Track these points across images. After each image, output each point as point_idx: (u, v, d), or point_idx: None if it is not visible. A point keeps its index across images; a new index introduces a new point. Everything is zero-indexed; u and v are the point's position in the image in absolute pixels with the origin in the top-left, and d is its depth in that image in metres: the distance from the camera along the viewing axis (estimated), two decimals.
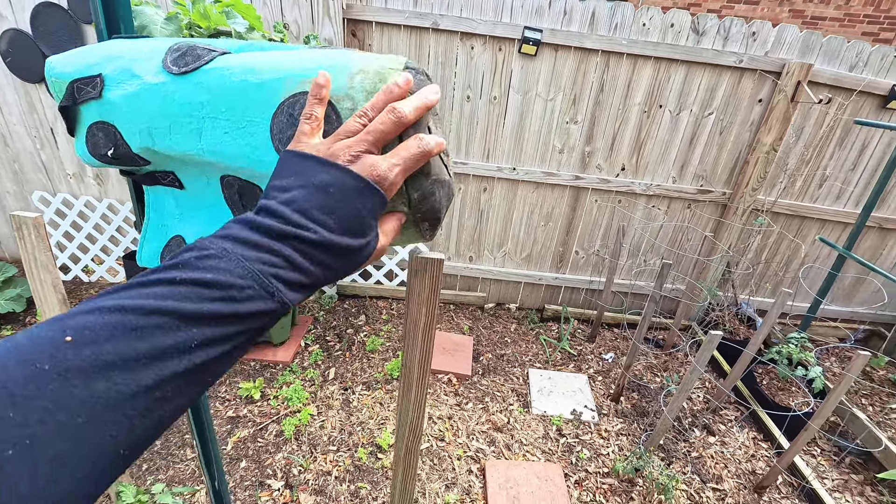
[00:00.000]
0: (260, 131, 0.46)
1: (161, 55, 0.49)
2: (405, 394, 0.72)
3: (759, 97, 2.65)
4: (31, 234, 0.77)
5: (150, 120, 0.49)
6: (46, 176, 3.00)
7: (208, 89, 0.47)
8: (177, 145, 0.49)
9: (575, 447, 2.21)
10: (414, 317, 0.64)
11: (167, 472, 1.91)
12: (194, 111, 0.47)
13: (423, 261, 0.61)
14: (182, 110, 0.48)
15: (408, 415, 0.74)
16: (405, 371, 0.70)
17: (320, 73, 0.42)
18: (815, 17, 5.84)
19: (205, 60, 0.48)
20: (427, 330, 0.65)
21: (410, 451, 0.79)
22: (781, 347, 2.47)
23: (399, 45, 2.57)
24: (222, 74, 0.46)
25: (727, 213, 2.92)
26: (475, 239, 3.13)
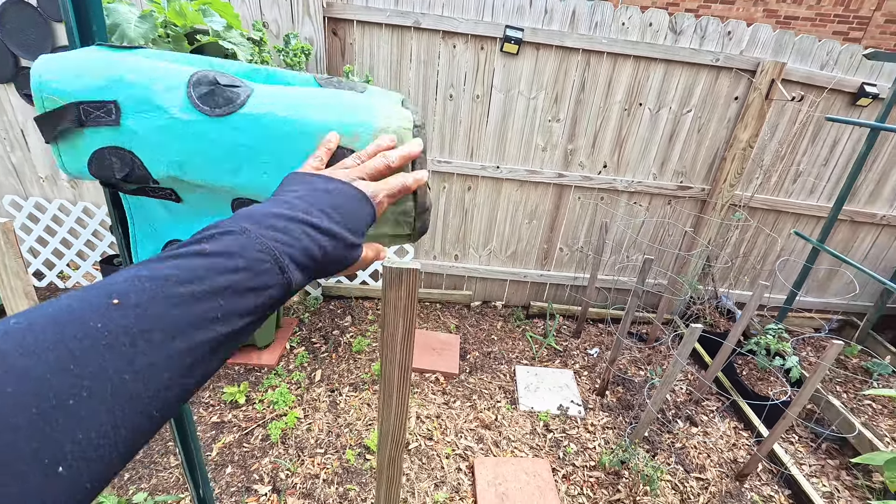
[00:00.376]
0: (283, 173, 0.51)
1: (181, 86, 0.50)
2: (385, 404, 0.72)
3: (736, 95, 2.72)
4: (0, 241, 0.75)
5: (182, 154, 0.50)
6: (17, 179, 2.91)
7: (249, 135, 0.50)
8: (210, 179, 0.52)
9: (562, 442, 2.24)
10: (391, 328, 0.63)
11: (150, 481, 1.87)
12: (233, 153, 0.50)
13: (397, 271, 0.60)
14: (220, 151, 0.50)
15: (389, 424, 0.74)
16: (384, 382, 0.69)
17: (332, 134, 0.51)
18: (788, 16, 6.00)
19: (238, 104, 0.50)
20: (405, 340, 0.64)
21: (393, 460, 0.79)
22: (760, 338, 2.54)
23: (381, 44, 2.55)
24: (263, 123, 0.50)
25: (706, 209, 2.98)
26: (460, 238, 3.13)
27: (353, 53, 2.58)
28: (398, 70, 2.62)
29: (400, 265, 0.59)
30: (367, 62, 2.60)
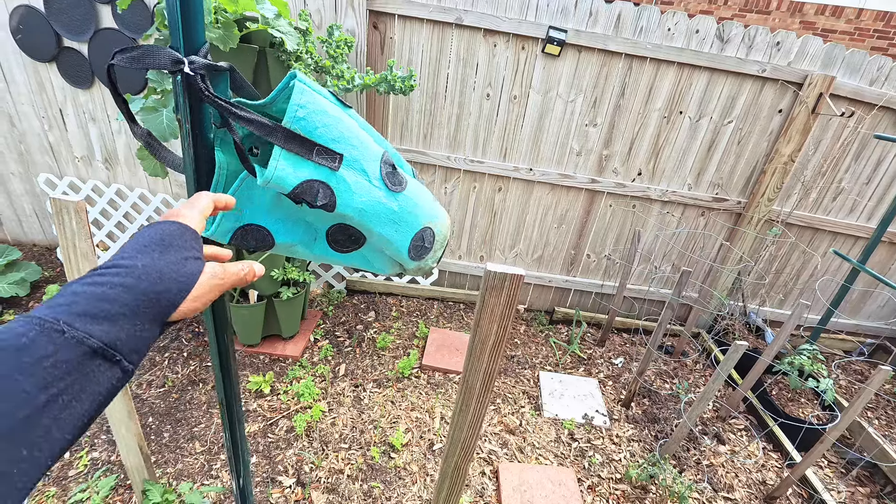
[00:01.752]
0: (406, 236, 0.77)
1: (377, 162, 0.71)
2: (461, 412, 0.69)
3: (780, 108, 2.65)
4: (71, 221, 0.73)
5: (365, 205, 0.69)
6: (53, 158, 2.94)
7: (400, 206, 0.74)
8: (367, 223, 0.71)
9: (587, 452, 2.20)
10: (483, 334, 0.61)
11: (175, 466, 1.87)
12: (390, 214, 0.73)
13: (500, 276, 0.58)
14: (385, 211, 0.72)
15: (462, 433, 0.71)
16: (465, 388, 0.67)
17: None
18: (826, 29, 5.86)
19: (403, 186, 0.75)
20: (496, 348, 0.62)
21: (459, 468, 0.76)
22: (794, 358, 2.48)
23: (421, 40, 2.53)
24: (408, 202, 0.76)
25: (741, 222, 2.92)
26: (487, 239, 3.10)
27: (393, 48, 2.56)
28: (437, 67, 2.60)
29: (504, 270, 0.56)
30: (406, 57, 2.58)
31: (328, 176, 0.64)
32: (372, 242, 0.78)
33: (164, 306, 0.40)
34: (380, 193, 0.71)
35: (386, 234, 0.74)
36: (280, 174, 0.59)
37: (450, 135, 2.77)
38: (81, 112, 2.80)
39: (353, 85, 2.09)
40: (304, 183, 0.61)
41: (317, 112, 0.62)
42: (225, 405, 0.91)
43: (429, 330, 2.87)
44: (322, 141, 0.62)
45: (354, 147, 0.67)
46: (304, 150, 0.61)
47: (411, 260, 0.81)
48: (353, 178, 0.67)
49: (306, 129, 0.61)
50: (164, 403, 2.15)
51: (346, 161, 0.66)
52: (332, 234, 0.76)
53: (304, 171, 0.61)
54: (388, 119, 2.73)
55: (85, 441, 1.93)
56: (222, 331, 0.82)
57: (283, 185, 0.60)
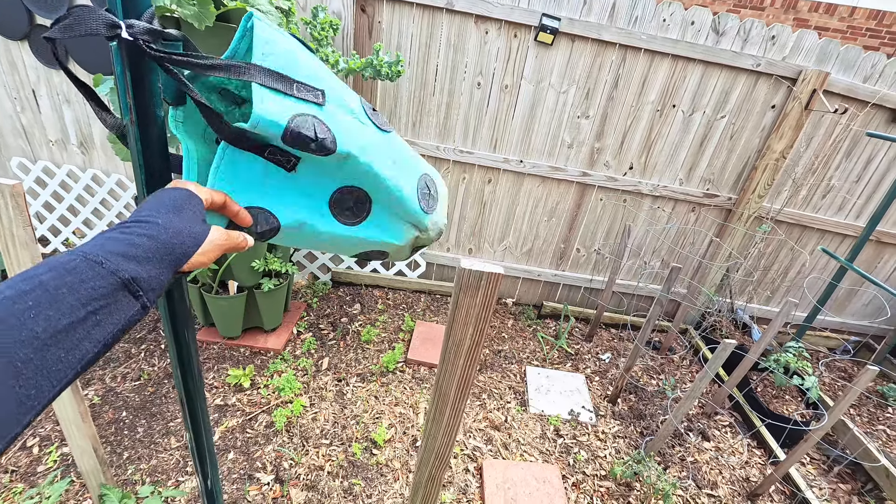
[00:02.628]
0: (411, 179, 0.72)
1: (358, 102, 0.67)
2: (435, 419, 0.64)
3: (773, 103, 2.62)
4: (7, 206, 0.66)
5: (365, 143, 0.63)
6: (26, 141, 2.82)
7: (394, 147, 0.70)
8: (375, 163, 0.64)
9: (572, 448, 2.18)
10: (458, 337, 0.56)
11: (150, 462, 1.81)
12: (389, 152, 0.68)
13: (476, 275, 0.52)
14: (384, 147, 0.67)
15: (436, 440, 0.66)
16: (438, 394, 0.62)
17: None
18: (819, 26, 5.85)
19: (388, 129, 0.71)
20: (472, 353, 0.56)
21: (433, 478, 0.71)
22: (780, 356, 2.47)
23: (410, 25, 2.45)
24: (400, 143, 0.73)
25: (731, 219, 2.90)
26: (476, 231, 3.05)
27: (381, 32, 2.48)
28: (426, 53, 2.52)
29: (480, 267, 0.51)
30: (394, 42, 2.50)
31: (316, 110, 0.58)
32: (380, 202, 0.70)
33: (179, 256, 0.47)
34: (372, 131, 0.66)
35: (392, 178, 0.67)
36: (268, 109, 0.53)
37: (439, 124, 2.70)
38: (55, 94, 2.68)
39: (338, 69, 2.01)
40: (296, 116, 0.55)
41: (286, 49, 0.57)
42: (186, 404, 0.85)
43: (415, 323, 2.82)
44: (298, 77, 0.57)
45: (332, 86, 0.62)
46: (284, 84, 0.55)
47: (424, 212, 0.73)
48: (341, 115, 0.61)
49: (277, 65, 0.55)
50: (138, 397, 2.08)
51: (329, 96, 0.60)
52: (336, 202, 0.68)
53: (289, 107, 0.55)
54: (375, 105, 2.65)
55: (55, 436, 1.86)
56: (182, 325, 0.76)
57: (274, 125, 0.53)
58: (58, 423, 1.91)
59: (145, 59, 0.52)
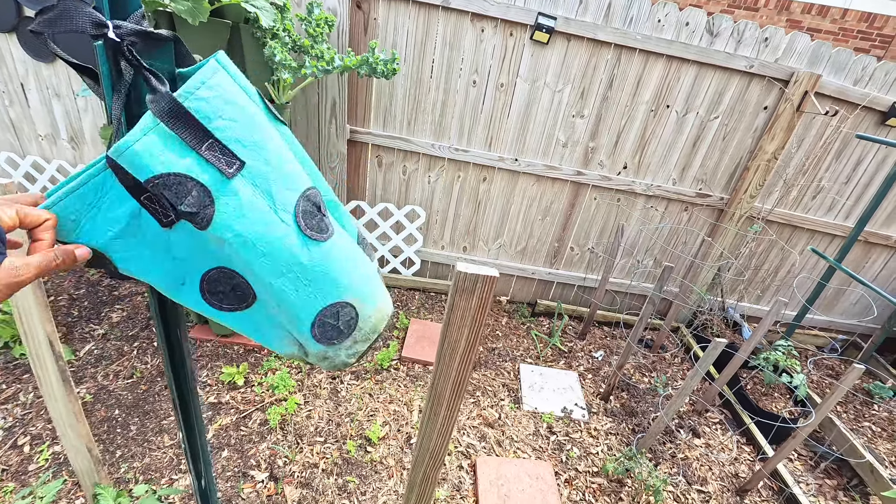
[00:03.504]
0: (312, 303, 0.59)
1: (297, 193, 0.56)
2: (430, 419, 0.65)
3: (765, 104, 2.64)
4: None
5: (251, 234, 0.53)
6: (15, 136, 2.77)
7: (312, 260, 0.57)
8: (253, 262, 0.55)
9: (565, 445, 2.20)
10: (453, 339, 0.56)
11: (143, 460, 1.80)
12: (294, 265, 0.57)
13: (472, 278, 0.53)
14: (286, 257, 0.56)
15: (430, 441, 0.67)
16: (433, 395, 0.62)
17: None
18: (812, 28, 5.91)
19: (326, 236, 0.59)
20: (467, 354, 0.57)
21: (428, 478, 0.72)
22: (769, 354, 2.51)
23: (406, 22, 2.44)
24: (327, 259, 0.59)
25: (723, 218, 2.93)
26: (471, 229, 3.06)
27: (377, 29, 2.47)
28: (422, 51, 2.51)
29: (475, 271, 0.51)
30: (390, 39, 2.49)
31: (215, 181, 0.50)
32: (264, 303, 0.60)
33: None
34: (284, 231, 0.55)
35: (281, 289, 0.57)
36: (143, 149, 0.45)
37: (434, 122, 2.70)
38: (44, 87, 2.64)
39: (333, 66, 2.00)
40: (171, 175, 0.47)
41: (226, 102, 0.50)
42: (178, 403, 0.85)
43: (409, 321, 2.82)
44: (221, 136, 0.50)
45: (267, 163, 0.53)
46: (192, 135, 0.48)
47: (315, 341, 0.62)
48: (250, 196, 0.52)
49: (202, 112, 0.49)
50: (131, 395, 2.07)
51: (247, 171, 0.52)
52: (209, 280, 0.59)
53: (181, 160, 0.48)
54: (370, 104, 2.64)
55: (46, 434, 1.84)
56: (174, 324, 0.76)
57: (139, 166, 0.46)
58: (49, 421, 1.90)
59: (127, 60, 0.51)
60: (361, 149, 2.77)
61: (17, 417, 1.91)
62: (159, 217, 0.52)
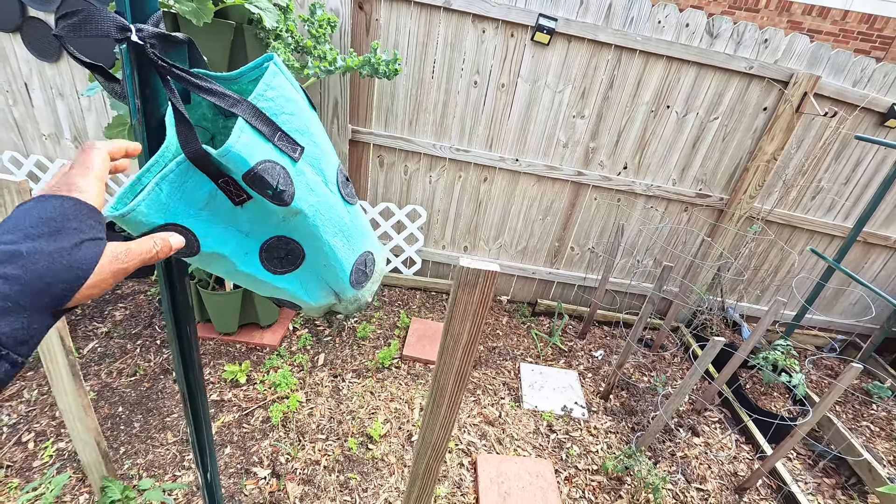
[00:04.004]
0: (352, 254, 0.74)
1: (335, 168, 0.70)
2: (433, 412, 0.66)
3: (765, 105, 2.66)
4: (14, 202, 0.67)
5: (320, 205, 0.65)
6: (18, 135, 2.79)
7: (351, 220, 0.72)
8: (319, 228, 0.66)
9: (565, 443, 2.21)
10: (455, 332, 0.58)
11: (146, 457, 1.82)
12: (342, 224, 0.70)
13: (473, 272, 0.55)
14: (337, 219, 0.69)
15: (433, 434, 0.69)
16: (436, 388, 0.64)
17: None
18: (812, 29, 5.92)
19: (355, 201, 0.75)
20: (469, 347, 0.59)
21: (430, 469, 0.74)
22: (768, 353, 2.52)
23: (407, 23, 2.46)
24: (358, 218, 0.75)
25: (722, 219, 2.94)
26: (472, 229, 3.07)
27: (378, 29, 2.48)
28: (423, 51, 2.53)
29: (477, 265, 0.53)
30: (392, 40, 2.50)
31: (289, 164, 0.60)
32: (312, 262, 0.71)
33: (56, 297, 0.37)
34: (335, 199, 0.68)
35: (334, 247, 0.69)
36: (244, 146, 0.53)
37: (436, 122, 2.71)
38: (48, 87, 2.65)
39: (336, 67, 2.02)
40: (266, 161, 0.56)
41: (285, 98, 0.59)
42: (188, 398, 0.87)
43: (410, 320, 2.84)
44: (285, 128, 0.59)
45: (317, 145, 0.65)
46: (268, 128, 0.57)
47: (351, 286, 0.75)
48: (311, 174, 0.64)
49: (271, 111, 0.57)
50: (135, 392, 2.08)
51: (306, 155, 0.62)
52: (267, 249, 0.67)
53: (264, 151, 0.56)
54: (372, 103, 2.66)
55: (50, 431, 1.86)
56: (184, 320, 0.78)
57: (243, 159, 0.54)
58: (53, 418, 1.92)
59: (149, 61, 0.53)
60: (363, 148, 2.79)
61: (22, 414, 1.92)
62: (232, 197, 0.59)
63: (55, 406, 1.97)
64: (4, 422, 1.88)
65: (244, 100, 0.55)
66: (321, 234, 0.66)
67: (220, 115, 0.69)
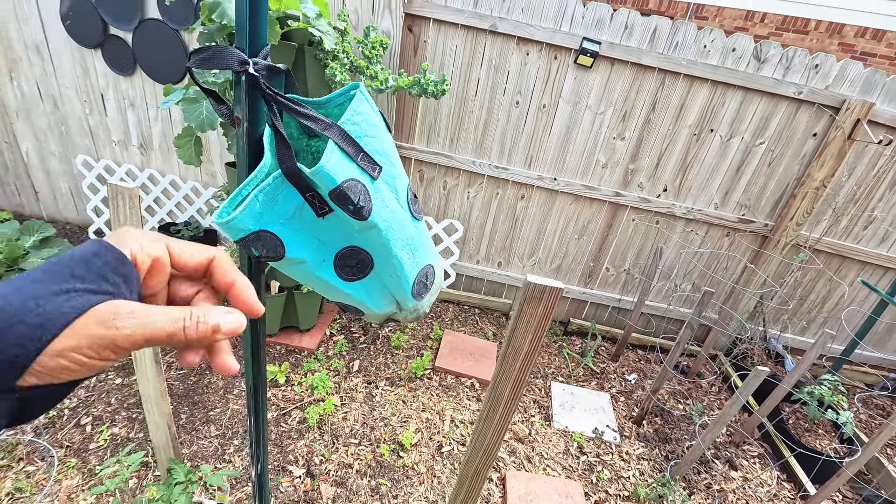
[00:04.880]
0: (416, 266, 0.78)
1: (406, 188, 0.75)
2: (488, 417, 0.70)
3: (814, 131, 2.60)
4: (125, 205, 0.77)
5: (391, 219, 0.70)
6: (91, 141, 3.04)
7: (417, 234, 0.77)
8: (389, 241, 0.71)
9: (595, 466, 2.18)
10: (518, 343, 0.62)
11: (191, 447, 1.92)
12: (409, 239, 0.75)
13: (539, 288, 0.59)
14: (406, 234, 0.74)
15: (485, 438, 0.72)
16: (494, 395, 0.68)
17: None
18: (865, 52, 5.72)
19: (421, 217, 0.80)
20: (528, 358, 0.62)
21: (479, 473, 0.77)
22: (814, 388, 2.42)
23: (454, 44, 2.56)
24: (422, 233, 0.80)
25: (767, 245, 2.86)
26: (506, 245, 3.11)
27: (426, 51, 2.59)
28: (468, 71, 2.62)
29: (543, 282, 0.57)
30: (437, 60, 2.60)
31: (368, 182, 0.66)
32: (379, 272, 0.77)
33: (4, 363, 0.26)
34: (405, 215, 0.74)
35: (401, 259, 0.75)
36: (333, 165, 0.60)
37: (476, 140, 2.78)
38: (122, 98, 2.89)
39: (387, 86, 2.12)
40: (350, 180, 0.62)
41: (368, 122, 0.66)
42: (252, 391, 0.93)
43: (443, 332, 2.88)
44: (367, 149, 0.65)
45: (393, 165, 0.71)
46: (353, 149, 0.63)
47: (412, 297, 0.80)
48: (386, 192, 0.69)
49: (356, 133, 0.64)
50: (183, 386, 2.20)
51: (383, 174, 0.68)
52: (340, 258, 0.74)
53: (349, 170, 0.63)
54: (416, 120, 2.76)
55: (106, 416, 1.99)
56: (257, 319, 0.85)
57: (332, 177, 0.61)
58: (109, 404, 2.05)
59: (259, 90, 0.61)
60: (405, 163, 2.89)
61: (81, 399, 2.07)
62: (317, 209, 0.65)
63: (111, 393, 2.11)
64: (66, 405, 2.03)
65: (335, 124, 0.62)
66: (391, 246, 0.71)
67: (305, 135, 0.77)
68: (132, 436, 1.92)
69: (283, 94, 0.61)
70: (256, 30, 0.61)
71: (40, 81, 2.90)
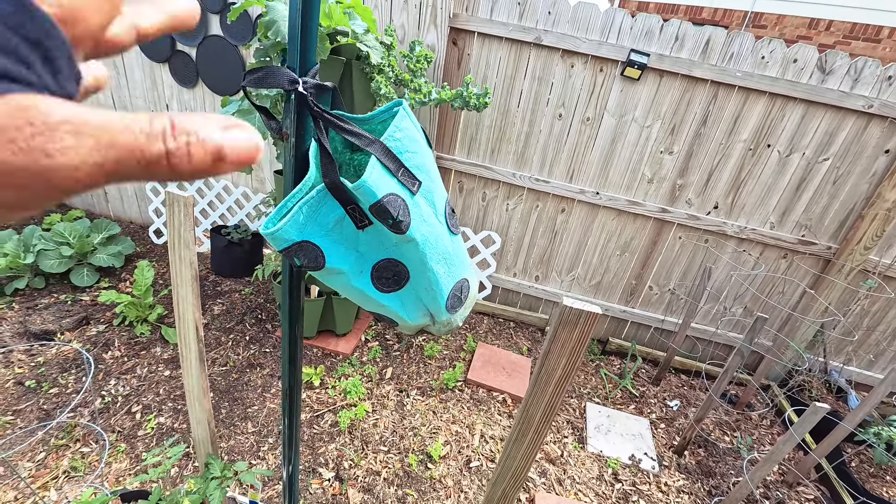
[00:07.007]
0: (451, 280, 0.79)
1: (444, 202, 0.77)
2: (518, 440, 0.68)
3: (886, 148, 2.40)
4: (180, 212, 0.82)
5: (430, 234, 0.72)
6: None
7: (454, 248, 0.79)
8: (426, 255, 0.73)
9: (631, 496, 2.08)
10: (551, 366, 0.60)
11: (228, 442, 1.99)
12: (445, 253, 0.76)
13: (576, 312, 0.57)
14: (443, 248, 0.76)
15: (514, 461, 0.70)
16: (524, 417, 0.66)
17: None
18: None
19: (458, 231, 0.81)
20: (562, 382, 0.61)
21: (507, 496, 0.75)
22: (881, 429, 2.20)
23: (497, 57, 2.57)
24: (459, 247, 0.82)
25: (829, 270, 2.65)
26: (545, 259, 3.05)
27: (469, 63, 2.62)
28: (511, 84, 2.62)
29: (580, 306, 0.55)
30: (480, 73, 2.62)
31: (408, 196, 0.67)
32: (414, 285, 0.78)
33: None
34: (442, 229, 0.75)
35: (437, 273, 0.76)
36: (374, 181, 0.62)
37: (517, 152, 2.77)
38: (184, 108, 3.10)
39: (430, 99, 2.16)
40: (390, 195, 0.64)
41: (410, 139, 0.68)
42: (287, 394, 0.96)
43: (476, 344, 2.86)
44: (408, 165, 0.67)
45: (431, 180, 0.72)
46: (394, 165, 0.65)
47: (446, 311, 0.81)
48: (424, 206, 0.71)
49: (397, 149, 0.66)
50: (224, 382, 2.30)
51: (422, 189, 0.70)
52: (378, 269, 0.76)
53: (389, 185, 0.64)
54: (457, 131, 2.78)
55: (154, 405, 2.11)
56: (295, 321, 0.88)
57: (373, 192, 0.62)
58: (157, 394, 2.17)
59: (307, 107, 0.63)
60: (445, 174, 2.91)
61: (133, 388, 2.20)
62: (357, 222, 0.67)
63: (160, 384, 2.23)
64: (120, 392, 2.16)
65: (377, 140, 0.64)
66: (427, 260, 0.73)
67: (347, 149, 0.79)
68: (176, 426, 2.02)
69: (329, 110, 0.64)
70: (306, 49, 0.64)
71: (114, 92, 3.16)
